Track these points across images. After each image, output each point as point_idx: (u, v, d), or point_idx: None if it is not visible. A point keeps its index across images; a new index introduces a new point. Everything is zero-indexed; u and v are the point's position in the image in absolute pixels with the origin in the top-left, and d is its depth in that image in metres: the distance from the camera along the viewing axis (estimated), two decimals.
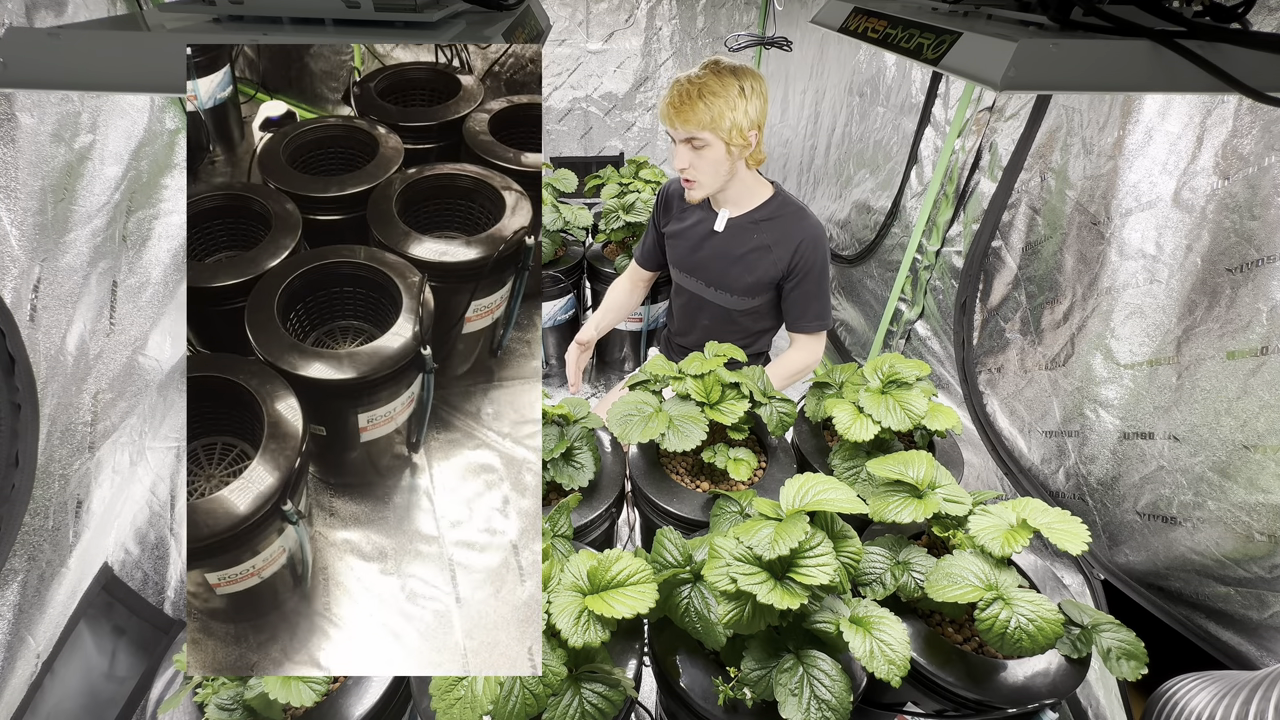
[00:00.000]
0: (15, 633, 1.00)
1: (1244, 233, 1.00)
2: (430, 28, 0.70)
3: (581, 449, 1.14)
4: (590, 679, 0.76)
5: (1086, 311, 1.30)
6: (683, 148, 1.43)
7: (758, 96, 1.39)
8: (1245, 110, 1.00)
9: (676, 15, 3.08)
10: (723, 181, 1.48)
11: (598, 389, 2.50)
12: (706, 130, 1.38)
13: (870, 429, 1.05)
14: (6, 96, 1.00)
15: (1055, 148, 1.38)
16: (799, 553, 0.75)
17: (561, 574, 0.80)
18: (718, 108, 1.36)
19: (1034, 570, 1.04)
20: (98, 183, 1.20)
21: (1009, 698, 0.85)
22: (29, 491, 1.01)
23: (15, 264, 1.02)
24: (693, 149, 1.42)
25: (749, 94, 1.38)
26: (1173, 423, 1.12)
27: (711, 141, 1.40)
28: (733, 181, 1.50)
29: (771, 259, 1.54)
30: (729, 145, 1.40)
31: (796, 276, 1.54)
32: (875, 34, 0.93)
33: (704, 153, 1.42)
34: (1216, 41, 0.64)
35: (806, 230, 1.51)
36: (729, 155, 1.43)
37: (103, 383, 1.21)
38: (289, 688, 0.77)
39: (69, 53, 0.63)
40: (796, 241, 1.51)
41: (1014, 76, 0.64)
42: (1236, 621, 1.03)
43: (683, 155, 1.43)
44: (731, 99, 1.36)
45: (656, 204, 1.74)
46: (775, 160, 3.17)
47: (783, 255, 1.52)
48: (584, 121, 3.28)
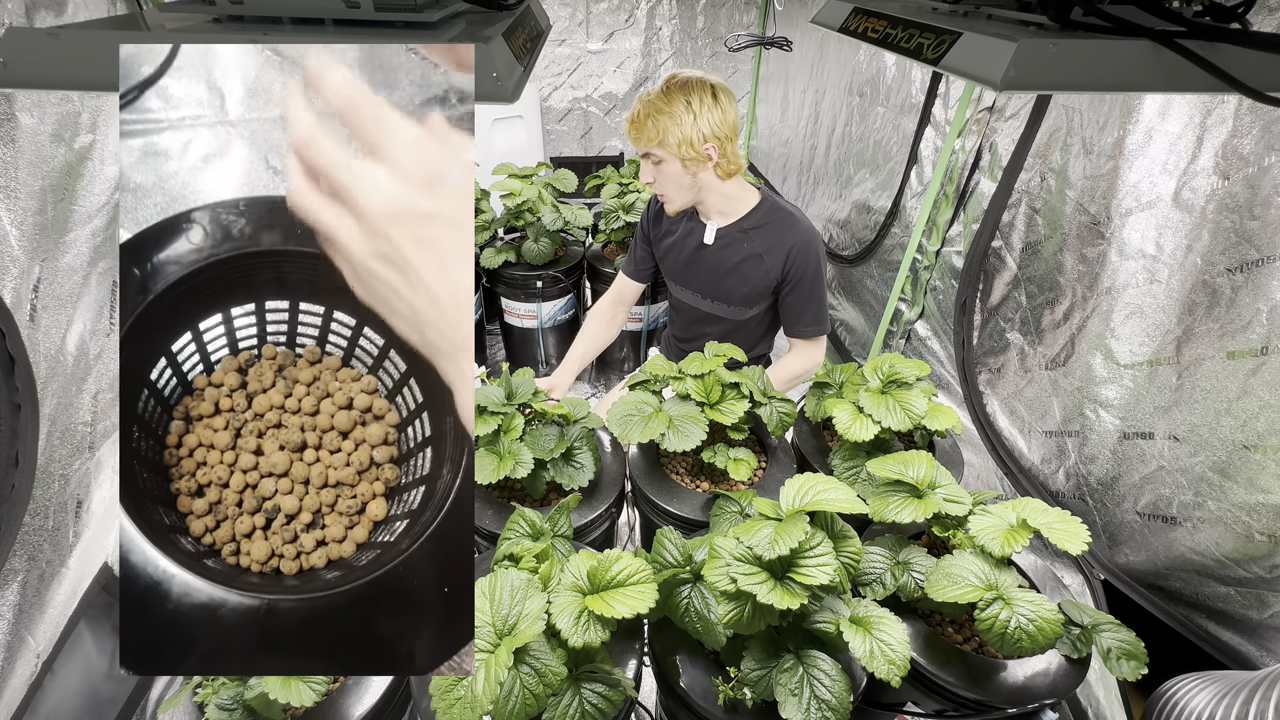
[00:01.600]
0: (15, 633, 1.00)
1: (1244, 233, 1.00)
2: (430, 28, 0.70)
3: (581, 449, 1.14)
4: (590, 679, 0.76)
5: (1086, 311, 1.30)
6: (645, 163, 1.47)
7: (712, 110, 1.39)
8: (1245, 110, 1.00)
9: (676, 15, 3.08)
10: (689, 195, 1.50)
11: (598, 389, 2.51)
12: (656, 147, 1.42)
13: (870, 429, 1.05)
14: (6, 96, 1.00)
15: (1055, 148, 1.38)
16: (799, 553, 0.75)
17: (561, 574, 0.80)
18: (662, 124, 1.38)
19: (1034, 570, 1.04)
20: (98, 183, 1.20)
21: (1009, 698, 0.86)
22: (29, 491, 1.01)
23: (15, 264, 1.02)
24: (652, 164, 1.46)
25: (698, 108, 1.38)
26: (1173, 423, 1.12)
27: (665, 157, 1.43)
28: (708, 193, 1.51)
29: (764, 267, 1.53)
30: (683, 160, 1.42)
31: (790, 283, 1.53)
32: (875, 34, 0.93)
33: (661, 168, 1.45)
34: (1216, 41, 0.64)
35: (798, 235, 1.51)
36: (686, 170, 1.44)
37: (103, 383, 1.21)
38: (289, 688, 0.77)
39: (69, 53, 0.63)
40: (788, 248, 1.51)
41: (1014, 76, 0.64)
42: (1236, 621, 1.03)
43: (645, 170, 1.48)
44: (677, 115, 1.38)
45: (645, 215, 1.74)
46: (775, 160, 3.17)
47: (775, 263, 1.52)
48: (584, 121, 3.28)
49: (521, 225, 2.20)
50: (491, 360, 2.63)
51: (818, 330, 1.58)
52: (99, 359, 1.20)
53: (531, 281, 2.17)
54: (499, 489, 1.16)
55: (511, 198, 2.09)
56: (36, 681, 1.02)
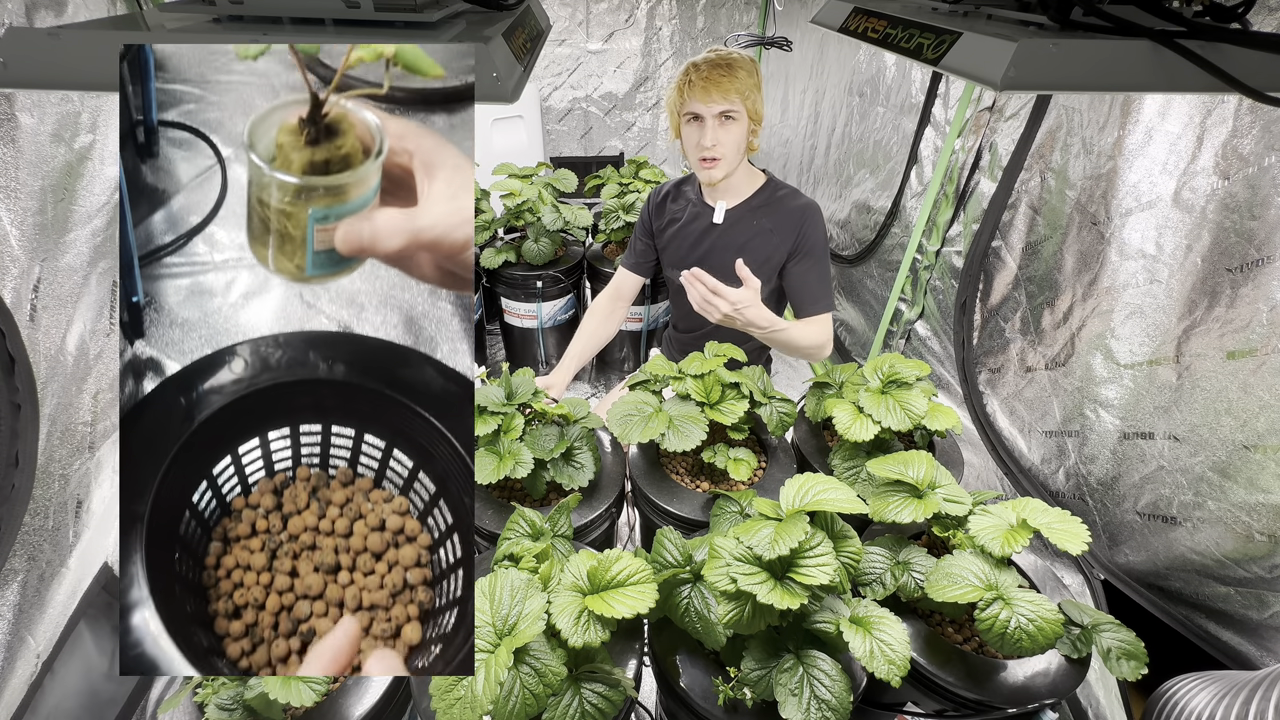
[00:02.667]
0: (15, 633, 1.00)
1: (1244, 233, 1.00)
2: (430, 28, 0.70)
3: (581, 449, 1.14)
4: (590, 679, 0.76)
5: (1086, 311, 1.30)
6: (711, 123, 1.44)
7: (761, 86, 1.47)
8: (1245, 110, 1.00)
9: (676, 15, 3.08)
10: (738, 160, 1.52)
11: (598, 389, 2.50)
12: (738, 101, 1.42)
13: (870, 429, 1.05)
14: (6, 96, 1.00)
15: (1055, 148, 1.38)
16: (799, 553, 0.75)
17: (561, 574, 0.80)
18: (744, 81, 1.42)
19: (1034, 570, 1.04)
20: (98, 183, 1.20)
21: (1009, 698, 0.85)
22: (29, 491, 1.01)
23: (15, 264, 1.02)
24: (721, 124, 1.45)
25: (757, 78, 1.46)
26: (1173, 423, 1.12)
27: (740, 116, 1.44)
28: (739, 165, 1.54)
29: (776, 240, 1.55)
30: (751, 120, 1.46)
31: (801, 253, 1.54)
32: (875, 34, 0.93)
33: (730, 127, 1.45)
34: (1216, 41, 0.64)
35: (805, 207, 1.54)
36: (747, 133, 1.48)
37: (103, 383, 1.21)
38: (289, 688, 0.77)
39: (69, 53, 0.63)
40: (798, 218, 1.53)
41: (1014, 76, 0.64)
42: (1236, 621, 1.03)
43: (711, 132, 1.45)
44: (755, 78, 1.44)
45: (646, 209, 1.73)
46: (775, 160, 3.17)
47: (787, 235, 1.54)
48: (584, 121, 3.28)
49: (521, 225, 2.20)
50: (491, 360, 2.63)
51: (827, 306, 1.56)
52: (99, 359, 1.20)
53: (531, 281, 2.17)
54: (499, 489, 1.16)
55: (511, 198, 2.09)
56: (36, 681, 1.02)
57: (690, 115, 1.46)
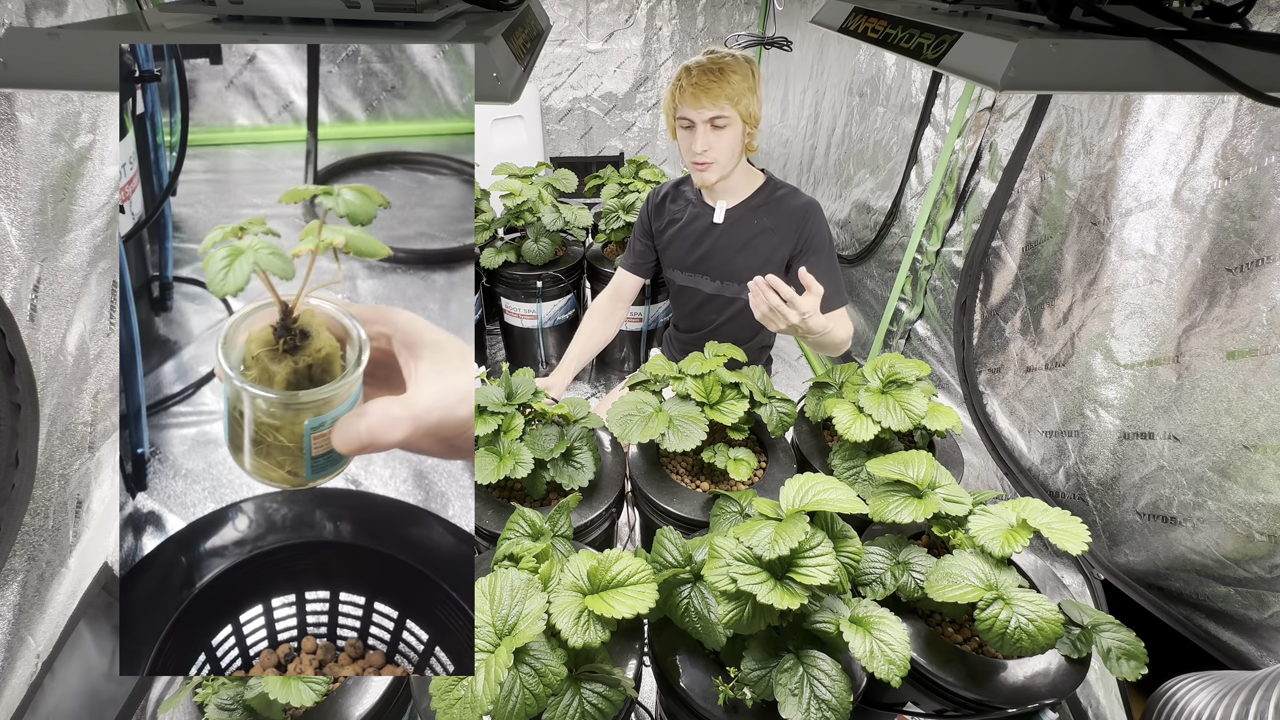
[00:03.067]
0: (15, 633, 1.00)
1: (1244, 233, 1.00)
2: (430, 28, 0.70)
3: (581, 449, 1.14)
4: (590, 679, 0.76)
5: (1086, 311, 1.30)
6: (703, 129, 1.44)
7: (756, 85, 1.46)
8: (1245, 110, 1.00)
9: (676, 15, 3.08)
10: (733, 164, 1.51)
11: (598, 389, 2.50)
12: (729, 106, 1.41)
13: (870, 429, 1.05)
14: (6, 96, 1.00)
15: (1055, 148, 1.38)
16: (799, 553, 0.75)
17: (561, 574, 0.80)
18: (737, 85, 1.40)
19: (1034, 570, 1.04)
20: (98, 183, 1.20)
21: (1009, 698, 0.85)
22: (29, 491, 1.01)
23: (15, 264, 1.02)
24: (713, 129, 1.44)
25: (753, 80, 1.44)
26: (1173, 423, 1.12)
27: (733, 120, 1.43)
28: (735, 167, 1.53)
29: (778, 239, 1.55)
30: (745, 124, 1.45)
31: (808, 252, 1.54)
32: (875, 34, 0.93)
33: (723, 133, 1.44)
34: (1216, 41, 0.64)
35: (806, 205, 1.54)
36: (742, 136, 1.47)
37: (103, 383, 1.21)
38: (289, 688, 0.77)
39: (69, 53, 0.63)
40: (800, 216, 1.53)
41: (1014, 76, 0.64)
42: (1236, 621, 1.03)
43: (702, 137, 1.45)
44: (749, 80, 1.43)
45: (645, 209, 1.73)
46: (775, 160, 3.17)
47: (788, 234, 1.54)
48: (584, 121, 3.28)
49: (521, 225, 2.20)
50: (491, 360, 2.63)
51: (841, 302, 1.54)
52: (99, 359, 1.20)
53: (531, 281, 2.17)
54: (499, 489, 1.16)
55: (511, 198, 2.09)
56: (36, 681, 1.02)
57: (683, 120, 1.46)
